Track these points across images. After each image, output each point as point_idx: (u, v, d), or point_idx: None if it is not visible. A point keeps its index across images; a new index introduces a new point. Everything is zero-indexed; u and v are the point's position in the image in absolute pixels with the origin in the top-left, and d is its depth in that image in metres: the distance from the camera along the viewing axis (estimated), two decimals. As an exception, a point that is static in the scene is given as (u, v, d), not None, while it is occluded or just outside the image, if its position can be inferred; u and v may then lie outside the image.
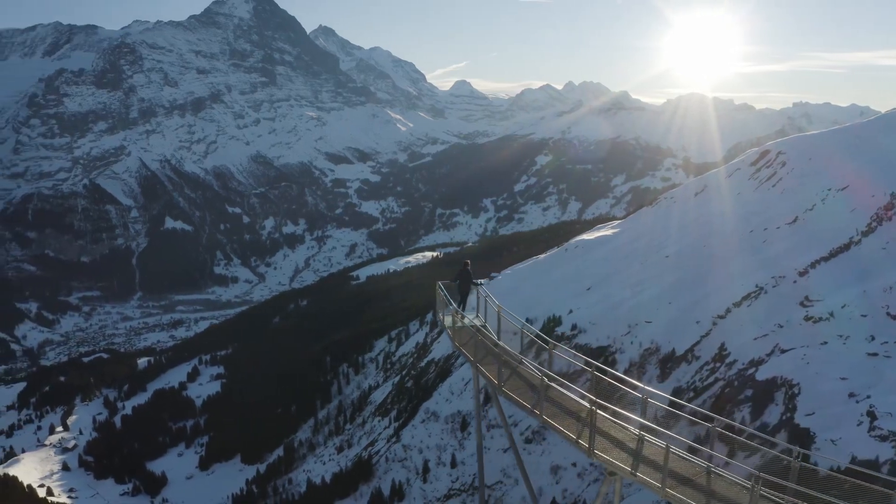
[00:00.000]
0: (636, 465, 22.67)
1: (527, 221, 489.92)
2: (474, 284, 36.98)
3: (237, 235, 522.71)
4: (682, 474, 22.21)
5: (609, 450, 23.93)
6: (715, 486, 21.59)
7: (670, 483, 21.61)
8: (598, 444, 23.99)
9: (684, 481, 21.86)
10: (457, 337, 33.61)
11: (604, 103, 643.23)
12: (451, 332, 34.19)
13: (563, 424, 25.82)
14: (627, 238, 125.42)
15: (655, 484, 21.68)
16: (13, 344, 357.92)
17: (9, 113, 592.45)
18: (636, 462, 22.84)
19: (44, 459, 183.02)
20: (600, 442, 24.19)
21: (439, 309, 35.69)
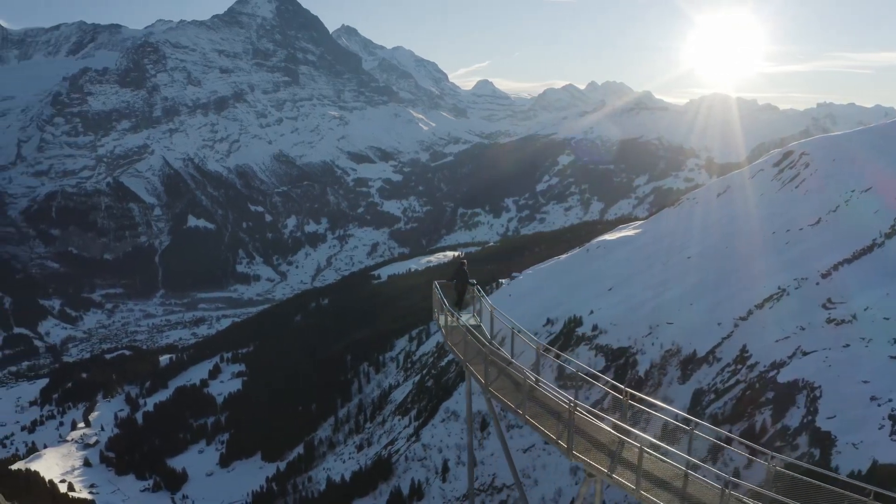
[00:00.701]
0: (613, 467, 22.48)
1: (548, 221, 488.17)
2: (471, 284, 36.66)
3: (259, 234, 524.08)
4: (659, 477, 21.94)
5: (589, 451, 23.62)
6: (691, 490, 21.41)
7: (646, 485, 21.32)
8: (580, 446, 23.75)
9: (661, 484, 21.53)
10: (450, 336, 33.66)
11: (627, 103, 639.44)
12: (445, 331, 34.20)
13: (546, 424, 25.45)
14: (649, 239, 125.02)
15: (630, 486, 21.50)
16: (36, 340, 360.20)
17: (33, 111, 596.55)
18: (613, 464, 22.65)
19: (65, 455, 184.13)
20: (582, 443, 23.92)
21: (435, 308, 35.65)
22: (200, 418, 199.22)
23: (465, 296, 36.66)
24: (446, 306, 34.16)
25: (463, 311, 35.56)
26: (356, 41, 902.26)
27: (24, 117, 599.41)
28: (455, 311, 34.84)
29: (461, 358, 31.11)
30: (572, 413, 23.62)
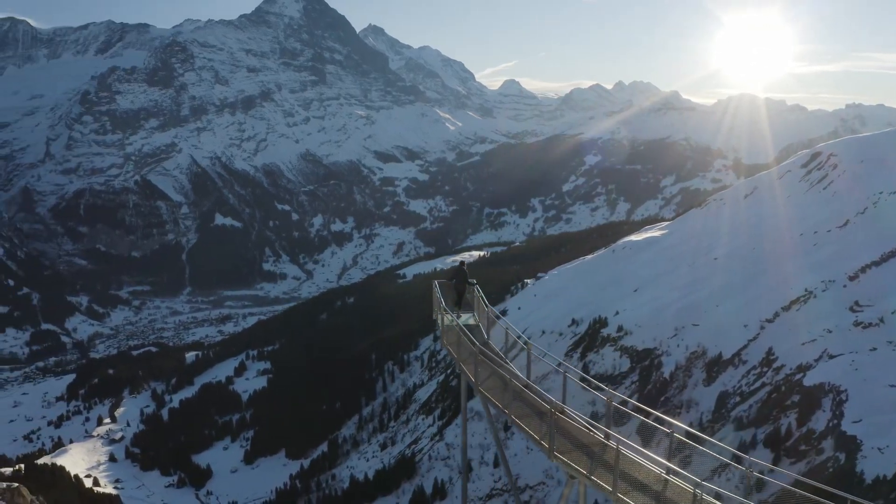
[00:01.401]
0: (593, 469, 22.68)
1: (575, 222, 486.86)
2: (470, 284, 37.41)
3: (286, 232, 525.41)
4: (640, 480, 21.95)
5: (570, 452, 23.94)
6: (669, 493, 21.36)
7: (625, 488, 21.48)
8: (564, 447, 24.11)
9: (640, 486, 21.68)
10: (446, 336, 33.91)
11: (654, 103, 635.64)
12: (442, 330, 34.44)
13: (532, 425, 25.94)
14: (676, 240, 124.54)
15: (607, 488, 21.68)
16: (64, 336, 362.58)
17: (62, 110, 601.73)
18: (594, 466, 22.86)
19: (91, 450, 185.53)
20: (566, 445, 24.27)
21: (434, 307, 35.87)
22: (225, 415, 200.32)
23: (466, 295, 37.46)
24: (442, 306, 34.71)
25: (463, 312, 36.45)
26: (383, 41, 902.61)
27: (53, 115, 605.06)
28: (455, 310, 36.00)
29: (455, 357, 32.10)
30: (553, 415, 24.04)
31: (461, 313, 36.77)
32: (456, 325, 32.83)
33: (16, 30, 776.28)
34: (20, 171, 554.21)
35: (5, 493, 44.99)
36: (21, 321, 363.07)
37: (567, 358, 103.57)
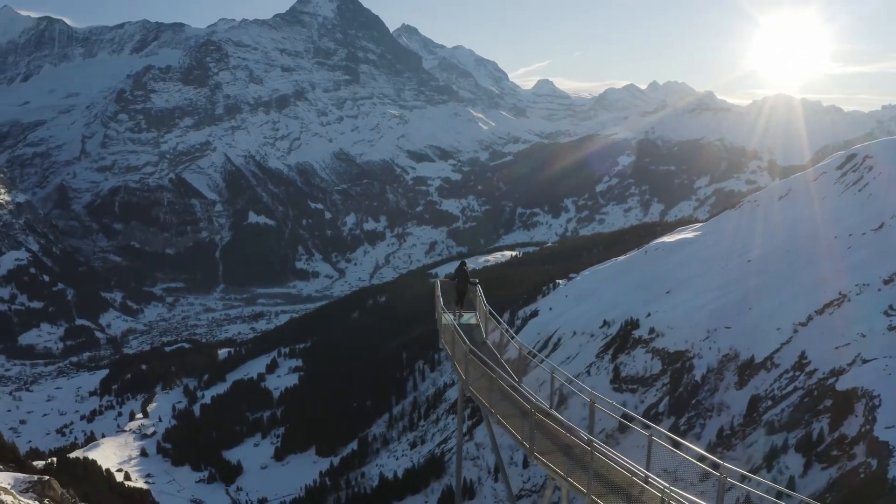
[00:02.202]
0: (571, 471, 22.51)
1: (608, 222, 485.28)
2: (471, 283, 37.48)
3: (319, 231, 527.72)
4: (618, 483, 21.75)
5: (552, 454, 23.77)
6: (644, 497, 21.16)
7: (600, 491, 21.31)
8: (548, 448, 24.00)
9: (616, 490, 21.46)
10: (444, 334, 34.08)
11: (688, 104, 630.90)
12: (442, 328, 34.53)
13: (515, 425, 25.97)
14: (709, 241, 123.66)
15: (581, 489, 21.52)
16: (98, 332, 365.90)
17: (98, 108, 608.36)
18: (571, 467, 22.67)
19: (123, 445, 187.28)
20: (549, 446, 24.17)
21: (437, 306, 36.01)
22: (257, 412, 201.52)
23: (469, 295, 37.43)
24: (441, 305, 34.93)
25: (466, 311, 36.82)
26: (416, 40, 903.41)
27: (89, 114, 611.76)
28: (455, 309, 36.46)
29: (450, 354, 32.27)
30: (533, 415, 24.09)
31: (464, 312, 37.13)
32: (451, 325, 32.87)
33: (52, 29, 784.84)
34: (56, 168, 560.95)
35: (36, 485, 45.25)
36: (56, 316, 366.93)
37: (598, 359, 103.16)
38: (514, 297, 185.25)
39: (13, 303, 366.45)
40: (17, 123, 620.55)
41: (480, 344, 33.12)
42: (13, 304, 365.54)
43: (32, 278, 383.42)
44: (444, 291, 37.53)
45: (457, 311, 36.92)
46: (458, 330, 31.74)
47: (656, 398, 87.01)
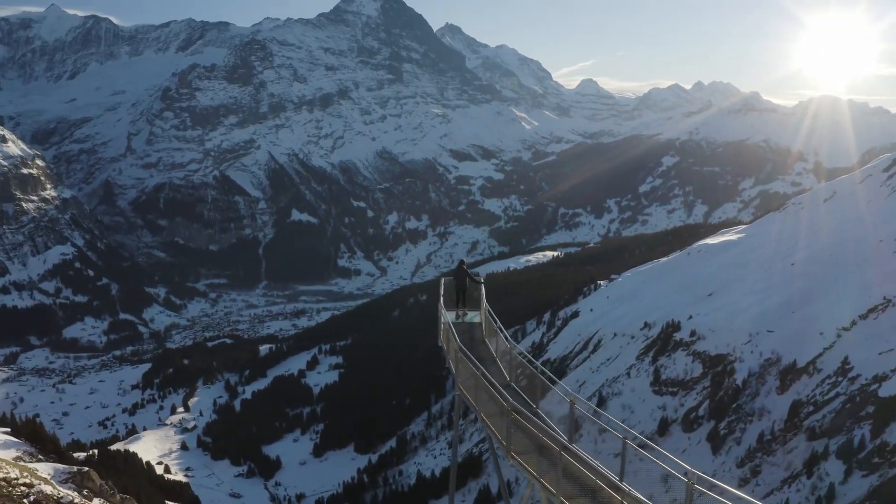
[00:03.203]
0: (544, 472, 22.56)
1: (651, 224, 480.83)
2: (476, 282, 37.85)
3: (361, 229, 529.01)
4: (590, 486, 21.48)
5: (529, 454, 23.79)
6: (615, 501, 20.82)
7: (571, 492, 21.23)
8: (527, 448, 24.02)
9: (589, 492, 21.29)
10: (442, 332, 34.18)
11: (733, 104, 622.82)
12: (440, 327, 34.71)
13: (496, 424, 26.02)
14: (752, 244, 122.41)
15: (552, 490, 21.49)
16: (141, 326, 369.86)
17: (143, 105, 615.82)
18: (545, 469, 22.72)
19: (163, 438, 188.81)
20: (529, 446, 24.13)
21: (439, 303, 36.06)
22: (296, 408, 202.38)
23: (474, 294, 37.77)
24: (440, 304, 35.24)
25: (471, 310, 37.29)
26: (460, 39, 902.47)
27: (135, 111, 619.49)
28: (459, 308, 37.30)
29: (446, 349, 32.55)
30: (510, 415, 24.03)
31: (468, 311, 37.52)
32: (445, 323, 33.20)
33: (99, 27, 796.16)
34: (102, 164, 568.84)
35: (75, 476, 45.48)
36: (100, 310, 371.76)
37: (638, 361, 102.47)
38: (555, 297, 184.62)
39: (58, 296, 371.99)
40: (63, 120, 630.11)
41: (479, 342, 33.57)
42: (58, 298, 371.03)
43: (77, 273, 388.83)
44: (447, 290, 37.80)
45: (459, 310, 37.42)
46: (452, 328, 32.03)
47: (696, 402, 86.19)
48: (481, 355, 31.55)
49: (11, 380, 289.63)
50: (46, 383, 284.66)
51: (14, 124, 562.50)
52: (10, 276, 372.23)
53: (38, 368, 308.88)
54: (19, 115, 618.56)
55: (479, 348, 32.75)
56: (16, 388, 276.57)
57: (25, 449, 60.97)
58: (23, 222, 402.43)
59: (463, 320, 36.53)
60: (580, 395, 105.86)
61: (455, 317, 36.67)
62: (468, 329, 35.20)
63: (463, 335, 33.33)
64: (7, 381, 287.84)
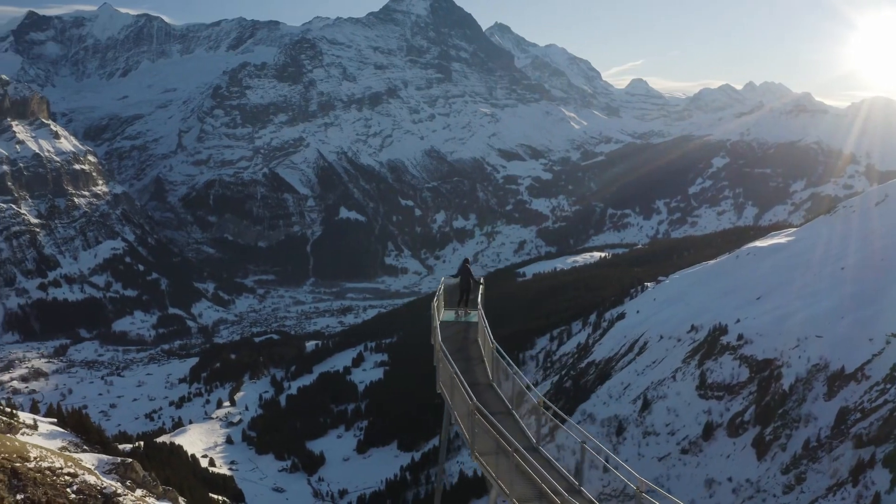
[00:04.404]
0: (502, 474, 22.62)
1: (700, 225, 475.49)
2: (476, 283, 38.72)
3: (408, 227, 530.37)
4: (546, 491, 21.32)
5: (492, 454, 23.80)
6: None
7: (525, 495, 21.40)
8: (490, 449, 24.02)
9: (543, 497, 21.24)
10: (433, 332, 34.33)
11: (785, 105, 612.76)
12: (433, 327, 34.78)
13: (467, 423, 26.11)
14: (802, 247, 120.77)
15: (505, 490, 21.83)
16: (189, 321, 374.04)
17: (194, 103, 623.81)
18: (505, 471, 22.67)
19: (209, 431, 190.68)
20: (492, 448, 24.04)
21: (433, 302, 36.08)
22: (341, 404, 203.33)
23: (471, 295, 38.42)
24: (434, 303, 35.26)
25: (472, 309, 37.56)
26: (509, 39, 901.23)
27: (186, 109, 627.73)
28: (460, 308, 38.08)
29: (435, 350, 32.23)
30: (473, 414, 24.39)
31: (469, 311, 37.88)
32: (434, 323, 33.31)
33: (150, 26, 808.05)
34: (153, 161, 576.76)
35: (119, 467, 46.31)
36: (149, 305, 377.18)
37: (684, 364, 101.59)
38: (601, 298, 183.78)
39: (108, 290, 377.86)
40: (115, 117, 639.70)
41: (472, 342, 33.90)
42: (108, 292, 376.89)
43: (128, 267, 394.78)
44: (448, 291, 39.12)
45: (461, 310, 38.06)
46: (437, 330, 32.23)
47: (742, 406, 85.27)
48: (471, 355, 32.44)
49: (61, 371, 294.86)
50: (95, 375, 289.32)
51: (67, 121, 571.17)
52: (62, 270, 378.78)
53: (88, 361, 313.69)
54: (72, 112, 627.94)
55: (470, 348, 33.40)
56: (65, 380, 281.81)
57: (71, 439, 61.93)
58: (74, 217, 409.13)
59: (465, 319, 37.16)
60: (624, 397, 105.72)
61: (455, 316, 37.57)
62: (464, 328, 35.90)
63: (458, 334, 34.69)
64: (57, 372, 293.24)
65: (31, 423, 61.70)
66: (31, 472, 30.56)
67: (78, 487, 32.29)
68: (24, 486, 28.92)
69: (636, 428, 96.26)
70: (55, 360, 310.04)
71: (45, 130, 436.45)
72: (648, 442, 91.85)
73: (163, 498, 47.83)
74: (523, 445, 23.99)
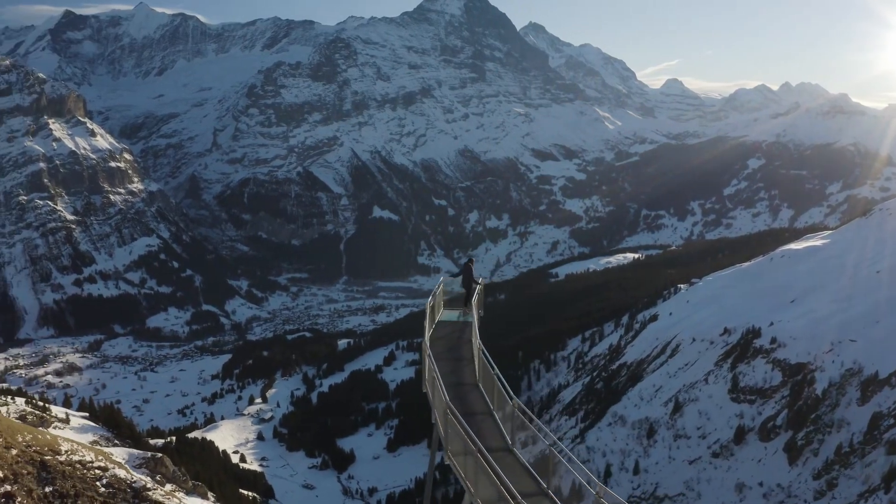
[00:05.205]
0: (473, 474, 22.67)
1: (735, 227, 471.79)
2: (475, 283, 38.93)
3: (441, 227, 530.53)
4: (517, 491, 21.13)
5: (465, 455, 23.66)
6: None
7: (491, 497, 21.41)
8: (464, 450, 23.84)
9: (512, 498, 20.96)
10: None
11: (821, 106, 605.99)
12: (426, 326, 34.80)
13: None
14: (837, 250, 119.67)
15: (471, 490, 22.05)
16: (223, 318, 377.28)
17: (229, 102, 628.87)
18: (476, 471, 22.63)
19: (241, 427, 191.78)
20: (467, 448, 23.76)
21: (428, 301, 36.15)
22: (372, 403, 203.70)
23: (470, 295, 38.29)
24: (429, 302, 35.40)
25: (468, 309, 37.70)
26: (543, 38, 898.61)
27: (221, 107, 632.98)
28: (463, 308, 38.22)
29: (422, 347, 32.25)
30: (446, 414, 24.37)
31: (468, 311, 38.01)
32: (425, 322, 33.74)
33: (186, 25, 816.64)
34: (188, 159, 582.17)
35: (149, 462, 46.91)
36: (183, 301, 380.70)
37: (717, 368, 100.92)
38: (634, 300, 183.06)
39: (143, 287, 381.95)
40: (151, 115, 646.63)
41: (465, 341, 34.10)
42: (143, 288, 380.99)
43: (162, 264, 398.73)
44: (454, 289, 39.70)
45: (463, 309, 38.31)
46: (427, 329, 32.96)
47: (774, 410, 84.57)
48: (462, 355, 32.81)
49: (95, 366, 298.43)
50: (129, 371, 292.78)
51: (103, 119, 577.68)
52: (97, 266, 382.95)
53: (122, 356, 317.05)
54: (108, 110, 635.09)
55: (463, 347, 33.73)
56: (99, 375, 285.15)
57: (102, 434, 62.65)
58: (110, 214, 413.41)
59: (463, 319, 37.38)
60: (656, 399, 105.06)
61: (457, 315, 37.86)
62: (461, 328, 36.13)
63: (453, 333, 35.18)
64: (91, 367, 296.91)
65: (63, 417, 62.52)
66: (61, 465, 30.96)
67: (108, 481, 32.68)
68: (53, 478, 29.31)
69: (667, 431, 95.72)
70: (89, 356, 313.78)
71: (82, 128, 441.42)
72: (679, 445, 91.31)
73: (192, 493, 48.27)
74: (498, 447, 24.15)
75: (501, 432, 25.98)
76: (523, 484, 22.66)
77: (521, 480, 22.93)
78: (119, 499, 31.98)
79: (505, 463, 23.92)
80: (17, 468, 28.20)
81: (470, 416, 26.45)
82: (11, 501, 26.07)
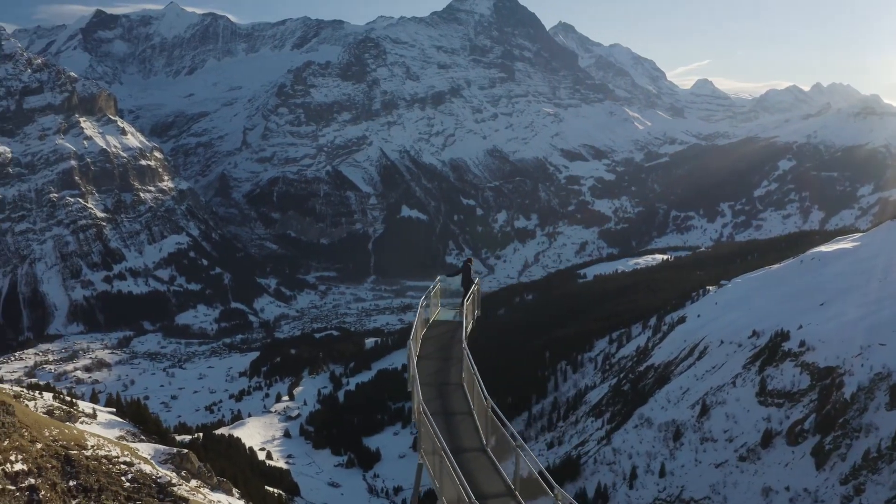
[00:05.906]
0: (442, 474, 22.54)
1: (765, 229, 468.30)
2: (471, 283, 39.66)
3: (470, 227, 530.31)
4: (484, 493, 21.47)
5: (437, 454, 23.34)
6: None
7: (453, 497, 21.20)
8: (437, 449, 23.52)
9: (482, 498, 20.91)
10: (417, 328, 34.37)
11: (852, 107, 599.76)
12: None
13: None
14: (868, 252, 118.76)
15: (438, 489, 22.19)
16: (251, 316, 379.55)
17: (259, 101, 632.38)
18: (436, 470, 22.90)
19: (267, 425, 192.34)
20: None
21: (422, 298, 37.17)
22: (398, 402, 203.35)
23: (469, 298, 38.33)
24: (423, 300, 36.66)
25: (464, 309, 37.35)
26: (573, 38, 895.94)
27: (251, 107, 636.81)
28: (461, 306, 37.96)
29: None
30: (419, 414, 24.61)
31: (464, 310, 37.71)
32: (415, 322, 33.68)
33: (216, 25, 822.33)
34: (218, 158, 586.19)
35: (175, 457, 47.29)
36: (212, 299, 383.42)
37: (744, 371, 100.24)
38: (662, 301, 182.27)
39: (172, 284, 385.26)
40: (181, 114, 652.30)
41: (457, 342, 33.94)
42: (172, 286, 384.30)
43: (192, 262, 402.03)
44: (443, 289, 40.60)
45: (459, 309, 38.30)
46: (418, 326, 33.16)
47: (802, 414, 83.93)
48: (451, 355, 32.76)
49: (124, 362, 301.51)
50: (157, 367, 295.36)
51: (134, 117, 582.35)
52: (127, 263, 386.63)
53: (150, 352, 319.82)
54: (139, 109, 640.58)
55: (454, 347, 33.69)
56: (128, 371, 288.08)
57: (129, 429, 63.16)
58: (140, 212, 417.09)
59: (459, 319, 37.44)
60: (683, 402, 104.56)
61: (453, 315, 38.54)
62: (454, 328, 36.40)
63: (446, 333, 35.63)
64: (119, 363, 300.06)
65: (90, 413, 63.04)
66: (87, 459, 31.30)
67: (133, 476, 33.02)
68: (78, 473, 29.65)
69: (693, 434, 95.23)
70: (118, 352, 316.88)
71: (113, 127, 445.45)
72: (706, 448, 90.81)
73: (217, 489, 48.59)
74: (473, 447, 24.28)
75: (479, 432, 26.00)
76: (492, 484, 22.58)
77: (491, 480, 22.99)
78: (143, 493, 32.29)
79: (479, 463, 23.92)
80: (41, 462, 28.55)
81: (449, 415, 26.79)
82: (35, 495, 26.39)
